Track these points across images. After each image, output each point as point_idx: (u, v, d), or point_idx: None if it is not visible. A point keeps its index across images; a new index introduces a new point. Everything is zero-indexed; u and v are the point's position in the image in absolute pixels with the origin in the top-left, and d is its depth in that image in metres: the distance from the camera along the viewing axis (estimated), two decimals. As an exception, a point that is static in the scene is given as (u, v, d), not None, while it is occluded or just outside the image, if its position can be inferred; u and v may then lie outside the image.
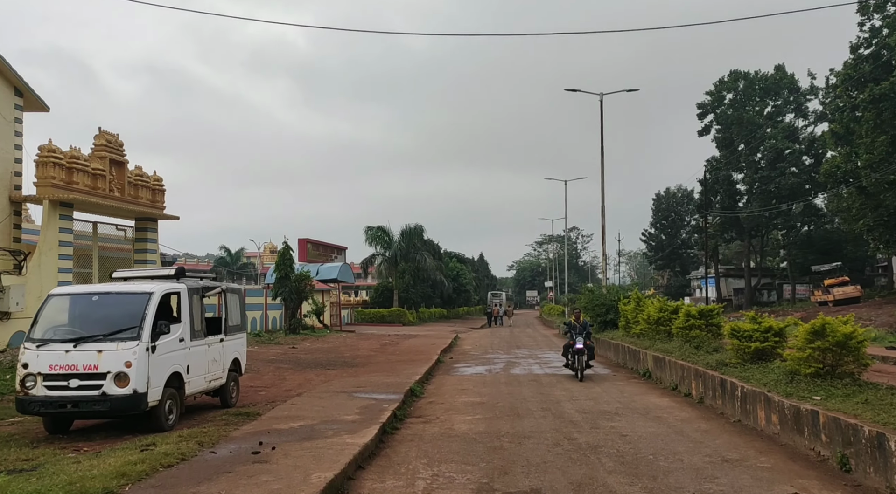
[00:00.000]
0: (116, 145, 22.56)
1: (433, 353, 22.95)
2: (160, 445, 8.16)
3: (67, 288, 9.46)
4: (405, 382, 15.09)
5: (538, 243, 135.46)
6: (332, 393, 13.32)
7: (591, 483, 7.39)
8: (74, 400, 8.48)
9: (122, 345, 8.66)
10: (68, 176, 20.14)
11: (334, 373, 16.99)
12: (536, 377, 17.72)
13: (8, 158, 19.18)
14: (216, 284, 11.20)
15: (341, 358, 21.09)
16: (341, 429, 9.55)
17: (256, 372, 17.15)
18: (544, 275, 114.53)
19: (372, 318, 48.46)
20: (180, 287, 9.92)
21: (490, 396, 14.26)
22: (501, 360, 22.55)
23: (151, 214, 24.32)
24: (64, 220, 20.07)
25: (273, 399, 12.73)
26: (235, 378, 11.80)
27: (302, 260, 41.79)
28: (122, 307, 9.11)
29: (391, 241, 54.25)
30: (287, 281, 30.95)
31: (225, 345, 11.26)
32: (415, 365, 18.80)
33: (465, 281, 68.04)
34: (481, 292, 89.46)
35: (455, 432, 10.43)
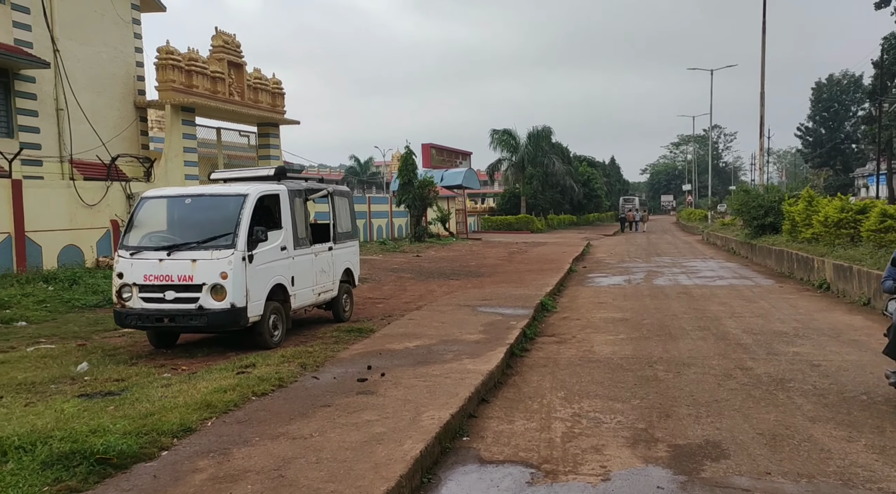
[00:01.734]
0: (234, 46, 21.83)
1: (564, 262, 21.23)
2: (259, 366, 7.21)
3: (160, 191, 8.61)
4: (535, 294, 13.59)
5: (674, 144, 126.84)
6: (453, 307, 12.08)
7: (791, 436, 5.56)
8: (171, 313, 7.69)
9: (217, 254, 7.68)
10: (188, 79, 19.68)
11: (458, 284, 15.79)
12: (686, 289, 15.60)
13: (129, 61, 18.91)
14: (321, 186, 9.99)
15: (466, 267, 19.90)
16: (462, 351, 8.22)
17: (377, 281, 16.31)
18: (681, 178, 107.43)
19: (499, 226, 47.15)
20: (280, 188, 8.77)
21: (633, 311, 12.47)
22: (641, 270, 20.46)
23: (272, 119, 23.75)
24: (187, 126, 19.81)
25: (390, 312, 11.69)
26: (348, 290, 10.77)
27: (426, 166, 40.72)
28: (216, 211, 8.10)
29: (517, 145, 51.83)
30: (410, 188, 29.98)
31: (334, 254, 10.16)
32: (545, 275, 17.22)
33: (595, 185, 64.72)
34: (613, 198, 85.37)
35: (596, 356, 8.83)
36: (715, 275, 18.41)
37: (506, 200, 54.29)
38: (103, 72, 17.85)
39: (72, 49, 16.77)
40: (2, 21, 14.76)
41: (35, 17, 15.52)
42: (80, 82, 17.05)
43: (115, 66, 18.24)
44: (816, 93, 71.54)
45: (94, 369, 7.21)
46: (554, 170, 52.01)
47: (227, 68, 21.33)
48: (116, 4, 18.26)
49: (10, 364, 7.45)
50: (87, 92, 17.32)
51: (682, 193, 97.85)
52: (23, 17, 15.24)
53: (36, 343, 8.77)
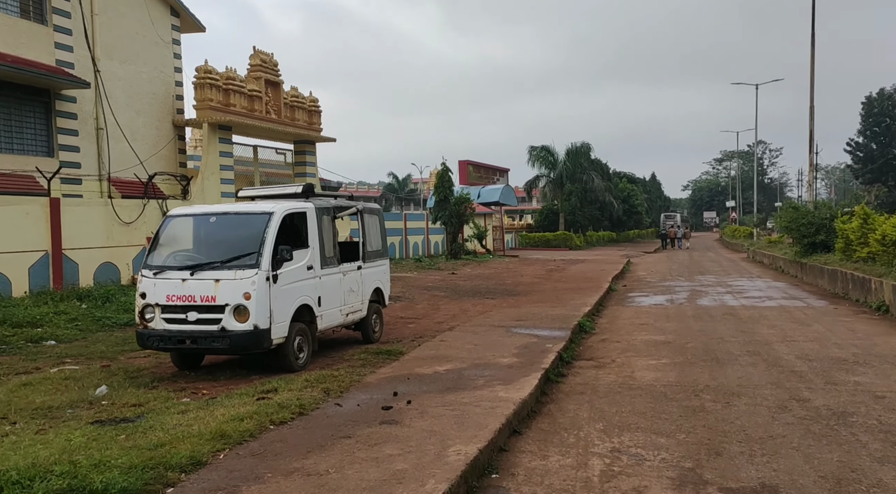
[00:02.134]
0: (271, 65, 21.97)
1: (604, 280, 20.62)
2: (282, 391, 6.91)
3: (186, 209, 8.45)
4: (573, 315, 13.08)
5: (717, 160, 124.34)
6: (487, 328, 11.66)
7: (858, 480, 5.00)
8: (193, 335, 7.47)
9: (240, 274, 7.45)
10: (225, 98, 19.83)
11: (493, 303, 15.37)
12: (732, 310, 14.88)
13: (168, 81, 19.13)
14: (350, 204, 9.73)
15: (502, 285, 19.47)
16: (494, 377, 7.81)
17: (410, 300, 15.99)
18: (724, 195, 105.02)
19: (536, 242, 46.56)
20: (307, 206, 8.53)
21: (676, 333, 11.87)
22: (684, 289, 19.72)
23: (308, 136, 23.80)
24: (224, 144, 19.92)
25: (422, 333, 11.33)
26: (378, 310, 10.46)
27: (463, 183, 40.44)
28: (241, 230, 7.89)
29: (556, 161, 51.28)
30: (446, 204, 29.71)
31: (364, 273, 9.87)
32: (583, 294, 16.68)
33: (635, 202, 63.56)
34: (653, 214, 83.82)
35: (637, 382, 8.31)
36: (763, 295, 17.61)
37: (544, 217, 53.70)
38: (143, 91, 18.09)
39: (112, 69, 17.03)
40: (44, 42, 15.06)
41: (77, 39, 15.80)
42: (120, 102, 17.28)
43: (154, 86, 18.48)
44: (867, 107, 69.27)
45: (113, 392, 7.01)
46: (593, 186, 51.24)
47: (265, 86, 21.45)
48: (157, 25, 18.53)
49: (31, 386, 7.31)
50: (127, 111, 17.54)
51: (725, 210, 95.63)
52: (65, 38, 15.53)
53: (61, 363, 8.66)
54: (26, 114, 15.06)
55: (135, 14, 17.79)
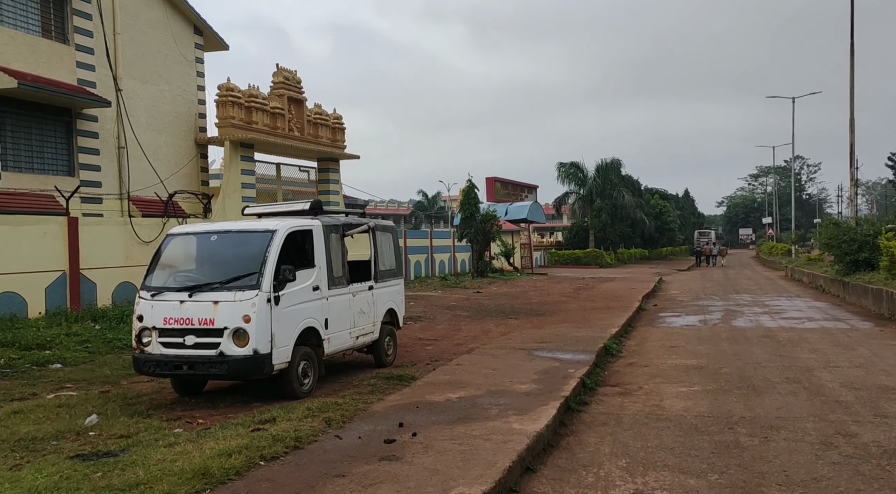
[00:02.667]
0: (294, 82, 21.89)
1: (633, 299, 19.90)
2: (280, 421, 6.48)
3: (186, 227, 8.14)
4: (599, 336, 12.47)
5: (753, 176, 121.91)
6: (507, 350, 11.12)
7: (916, 539, 4.36)
8: (191, 360, 7.10)
9: (240, 295, 7.07)
10: (247, 115, 19.75)
11: (516, 323, 14.81)
12: (769, 332, 14.09)
13: (191, 99, 19.12)
14: (361, 221, 9.33)
15: (527, 304, 18.89)
16: (509, 406, 7.28)
17: (431, 320, 15.52)
18: (760, 211, 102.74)
19: (566, 260, 45.78)
20: (313, 224, 8.15)
21: (709, 357, 11.19)
22: (718, 308, 18.90)
23: (331, 154, 23.64)
24: (245, 162, 19.81)
25: (439, 356, 10.84)
26: (391, 332, 10.01)
27: (490, 200, 40.00)
28: (242, 249, 7.54)
29: (585, 178, 50.60)
30: (472, 222, 29.26)
31: (375, 294, 9.44)
32: (611, 314, 16.02)
33: (668, 218, 62.38)
34: (687, 231, 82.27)
35: (665, 412, 7.70)
36: (803, 316, 16.73)
37: (573, 234, 52.91)
38: (165, 110, 18.09)
39: (134, 88, 17.06)
40: (66, 61, 15.12)
41: (98, 58, 15.85)
42: (141, 120, 17.28)
43: (177, 105, 18.49)
44: (908, 118, 67.18)
45: (104, 422, 6.65)
46: (623, 202, 50.37)
47: (287, 104, 21.36)
48: (180, 44, 18.57)
49: (22, 414, 7.00)
50: (149, 130, 17.54)
51: (761, 226, 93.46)
52: (86, 57, 15.58)
53: (60, 388, 8.36)
54: (47, 133, 15.10)
55: (157, 33, 17.85)
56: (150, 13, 17.61)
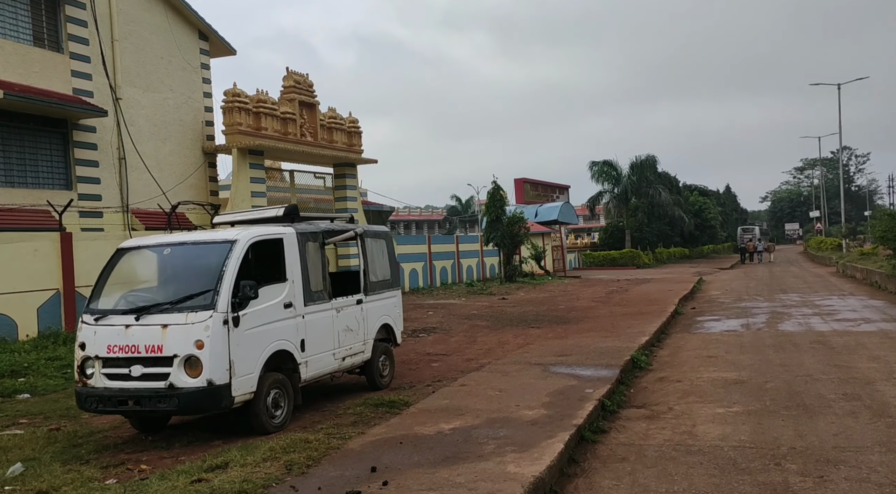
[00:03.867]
0: (306, 86, 21.10)
1: (669, 303, 18.51)
2: (233, 467, 5.49)
3: (138, 240, 7.24)
4: (625, 347, 11.24)
5: (798, 169, 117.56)
6: (521, 366, 9.99)
7: None
8: (137, 394, 6.17)
9: (192, 317, 6.13)
10: (256, 121, 19.02)
11: (537, 333, 13.65)
12: (822, 336, 12.65)
13: (197, 107, 18.46)
14: (346, 227, 8.32)
15: (553, 311, 17.67)
16: (509, 440, 6.17)
17: (446, 331, 14.46)
18: (807, 205, 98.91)
19: (601, 262, 44.22)
20: (284, 232, 7.17)
21: (752, 369, 9.88)
22: (763, 310, 17.40)
23: (347, 158, 22.79)
24: (255, 169, 19.07)
25: (444, 374, 9.77)
26: (387, 350, 8.97)
27: (519, 202, 38.83)
28: (197, 263, 6.60)
29: (619, 176, 48.92)
30: (499, 225, 28.10)
31: (366, 308, 8.43)
32: (643, 320, 14.73)
33: (709, 215, 60.09)
34: (729, 228, 79.49)
35: (698, 442, 6.51)
36: (858, 318, 15.16)
37: (608, 234, 51.23)
38: (169, 118, 17.46)
39: (135, 97, 16.46)
40: (60, 71, 14.56)
41: (95, 66, 15.28)
42: (144, 130, 16.67)
43: (182, 113, 17.85)
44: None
45: (30, 471, 5.74)
46: (660, 200, 48.52)
47: (299, 109, 20.58)
48: (183, 50, 17.94)
49: (-52, 459, 6.17)
50: (152, 139, 16.92)
51: (808, 221, 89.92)
52: (82, 65, 15.02)
53: (12, 425, 7.52)
54: (42, 145, 14.54)
55: (159, 39, 17.25)
56: (151, 19, 17.01)
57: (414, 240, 28.89)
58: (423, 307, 19.39)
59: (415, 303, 20.43)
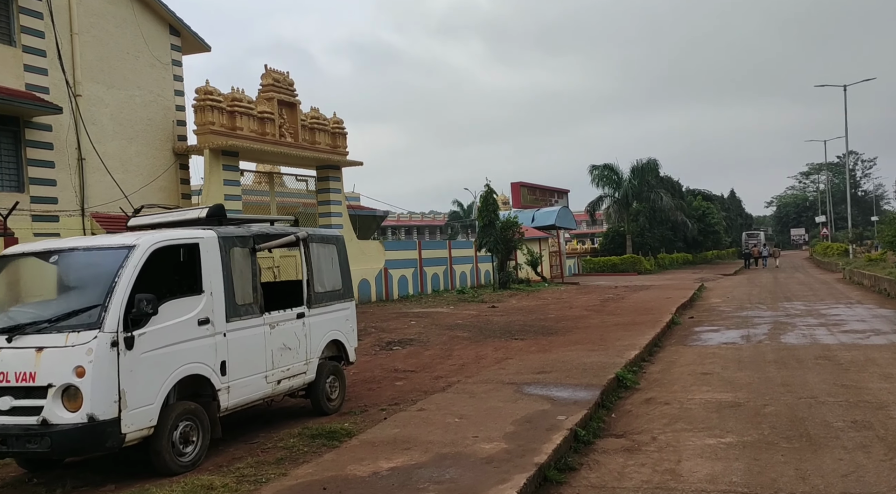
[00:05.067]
0: (286, 84, 20.17)
1: (666, 312, 17.46)
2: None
3: (22, 246, 6.24)
4: (611, 363, 10.22)
5: (803, 174, 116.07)
6: (493, 386, 8.97)
7: None
8: (3, 431, 5.15)
9: (73, 338, 5.13)
10: (230, 121, 18.08)
11: (519, 346, 12.63)
12: (827, 350, 11.59)
13: (167, 106, 17.52)
14: (284, 231, 7.32)
15: (541, 321, 16.64)
16: (455, 484, 5.17)
17: (423, 343, 13.45)
18: (812, 210, 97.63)
19: (601, 267, 43.09)
20: (201, 236, 6.18)
21: (750, 389, 8.87)
22: (765, 320, 16.34)
23: (331, 161, 21.83)
24: (229, 171, 18.12)
25: (405, 395, 8.76)
26: (336, 370, 7.95)
27: (517, 206, 37.84)
28: (87, 273, 5.61)
29: (620, 180, 47.90)
30: (492, 230, 27.08)
31: (310, 323, 7.42)
32: (636, 332, 13.70)
33: (712, 220, 58.97)
34: (734, 233, 78.40)
35: (682, 484, 5.52)
36: (868, 329, 14.09)
37: (609, 240, 50.18)
38: (136, 117, 16.53)
39: (98, 93, 15.53)
40: (11, 65, 13.64)
41: (52, 61, 14.37)
42: (107, 129, 15.74)
43: (150, 111, 16.91)
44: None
45: None
46: (662, 204, 47.47)
47: (278, 108, 19.64)
48: (152, 45, 17.01)
49: None
50: (117, 139, 15.98)
51: (814, 226, 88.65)
52: (36, 60, 14.09)
53: None
54: (-11, 145, 13.61)
55: (125, 33, 16.32)
56: (116, 11, 16.08)
57: (403, 245, 27.89)
58: (407, 316, 18.38)
59: (399, 312, 19.43)
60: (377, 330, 15.69)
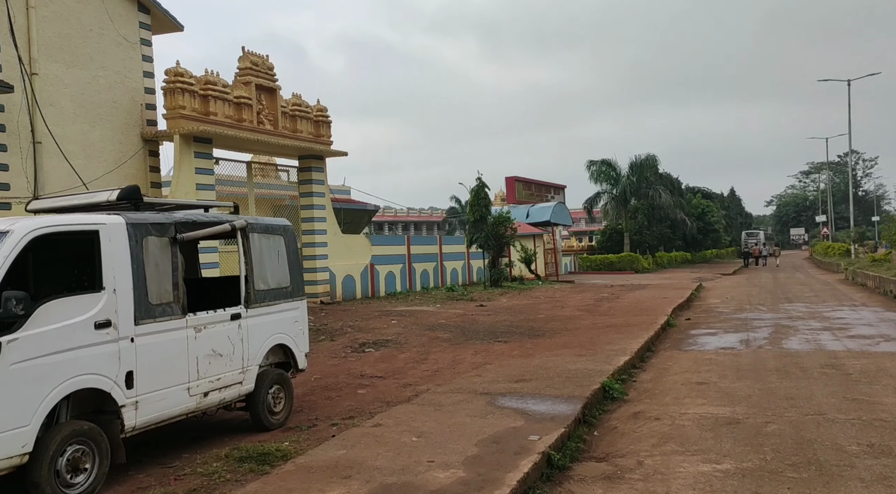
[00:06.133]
0: (265, 68, 19.15)
1: (661, 313, 16.52)
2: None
3: None
4: (598, 370, 9.28)
5: (804, 173, 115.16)
6: (463, 396, 8.01)
7: None
8: None
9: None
10: (203, 105, 17.06)
11: (501, 350, 11.66)
12: (834, 358, 10.64)
13: (135, 88, 16.48)
14: (218, 218, 6.32)
15: (529, 321, 15.68)
16: (384, 533, 4.21)
17: (399, 346, 12.48)
18: (812, 210, 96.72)
19: (598, 266, 42.12)
20: (102, 222, 5.21)
21: (750, 403, 7.93)
22: (765, 323, 15.40)
23: (313, 150, 20.82)
24: (201, 159, 17.11)
25: (365, 406, 7.79)
26: (281, 378, 6.96)
27: (511, 201, 36.83)
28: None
29: (618, 176, 46.88)
30: (483, 225, 26.10)
31: (248, 325, 6.44)
32: (628, 335, 12.75)
33: (712, 219, 58.03)
34: (733, 232, 77.52)
35: (669, 529, 4.55)
36: (876, 334, 13.14)
37: (606, 237, 49.20)
38: (100, 99, 15.51)
39: (57, 73, 14.53)
40: (-43, 40, 12.67)
41: (4, 35, 13.38)
42: (67, 111, 14.74)
43: (115, 93, 15.90)
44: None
45: None
46: (661, 202, 46.50)
47: (256, 93, 18.63)
48: (118, 23, 15.98)
49: None
50: (78, 122, 14.98)
51: (814, 226, 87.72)
52: (-15, 35, 13.11)
53: None
54: (-67, 126, 12.60)
55: (88, 9, 15.29)
56: (79, -14, 15.07)
57: (391, 240, 26.91)
58: (390, 315, 17.43)
59: (382, 311, 18.49)
60: (354, 329, 14.74)
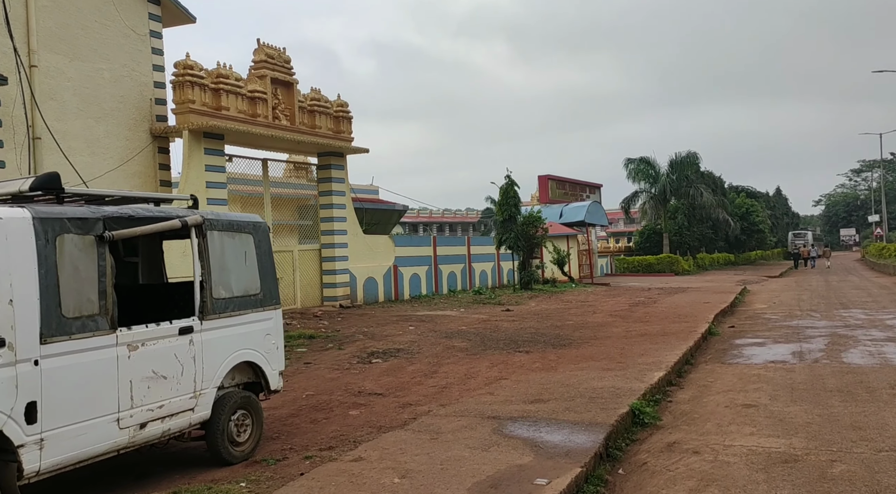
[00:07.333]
0: (281, 61, 18.33)
1: (702, 319, 15.12)
2: None
3: None
4: (628, 388, 8.07)
5: (854, 171, 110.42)
6: (468, 420, 6.89)
7: None
8: None
9: None
10: (215, 99, 16.29)
11: (521, 361, 10.50)
12: (906, 378, 9.20)
13: (143, 82, 15.79)
14: (164, 214, 5.34)
15: (556, 328, 14.45)
16: None
17: (411, 355, 11.41)
18: (864, 209, 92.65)
19: (636, 267, 40.49)
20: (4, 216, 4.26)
21: (809, 432, 6.65)
22: (819, 332, 13.88)
23: (333, 147, 19.92)
24: (212, 156, 16.33)
25: (351, 433, 6.73)
26: (247, 403, 5.92)
27: (544, 201, 35.54)
28: None
29: (657, 175, 45.11)
30: (512, 225, 24.90)
31: (204, 340, 5.43)
32: (664, 345, 11.46)
33: (756, 219, 55.67)
34: (779, 232, 74.60)
35: None
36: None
37: (645, 238, 47.41)
38: (105, 93, 14.85)
39: (58, 65, 13.90)
40: (-51, 30, 12.09)
41: (1, 27, 12.78)
42: (70, 105, 14.10)
43: (122, 87, 15.23)
44: None
45: None
46: (702, 201, 44.59)
47: (272, 87, 17.80)
48: (125, 14, 15.31)
49: None
50: (82, 117, 14.34)
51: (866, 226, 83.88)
52: (-19, 26, 12.50)
53: None
54: (-76, 120, 12.02)
55: (92, 0, 14.67)
56: (82, -25, 14.42)
57: (416, 240, 25.85)
58: (409, 320, 16.40)
59: (402, 315, 17.47)
60: (365, 336, 13.74)
